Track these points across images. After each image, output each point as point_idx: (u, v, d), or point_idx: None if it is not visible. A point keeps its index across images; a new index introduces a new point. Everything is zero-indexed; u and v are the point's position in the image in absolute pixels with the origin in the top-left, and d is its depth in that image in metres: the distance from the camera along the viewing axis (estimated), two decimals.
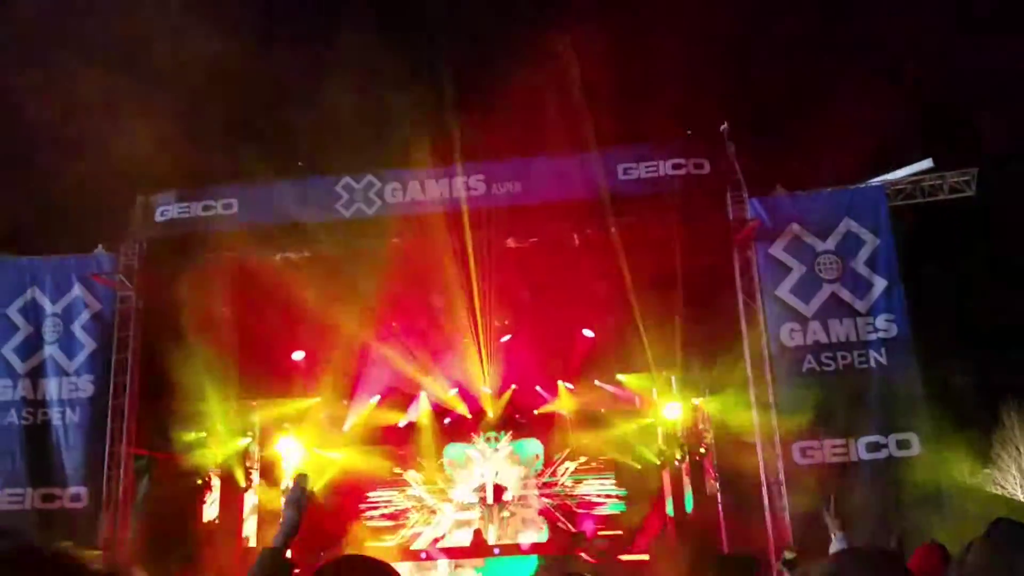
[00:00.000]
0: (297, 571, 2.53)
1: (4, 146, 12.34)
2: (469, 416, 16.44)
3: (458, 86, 12.48)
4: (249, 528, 14.82)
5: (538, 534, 15.75)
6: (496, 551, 14.96)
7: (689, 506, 14.70)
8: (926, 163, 10.69)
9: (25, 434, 10.96)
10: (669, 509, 15.42)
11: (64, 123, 11.51)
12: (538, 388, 16.23)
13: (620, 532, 15.30)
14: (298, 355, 14.37)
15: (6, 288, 11.44)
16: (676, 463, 15.08)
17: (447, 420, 16.63)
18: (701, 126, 11.33)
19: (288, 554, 2.55)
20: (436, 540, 15.80)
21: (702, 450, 13.99)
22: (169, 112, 11.55)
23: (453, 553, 15.24)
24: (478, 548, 14.87)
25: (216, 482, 14.06)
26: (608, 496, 15.99)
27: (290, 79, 12.42)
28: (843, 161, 10.98)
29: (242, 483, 14.77)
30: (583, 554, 13.09)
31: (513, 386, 15.93)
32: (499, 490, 16.17)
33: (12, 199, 11.96)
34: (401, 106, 11.40)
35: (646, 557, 14.00)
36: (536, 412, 16.40)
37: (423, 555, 15.21)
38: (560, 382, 15.98)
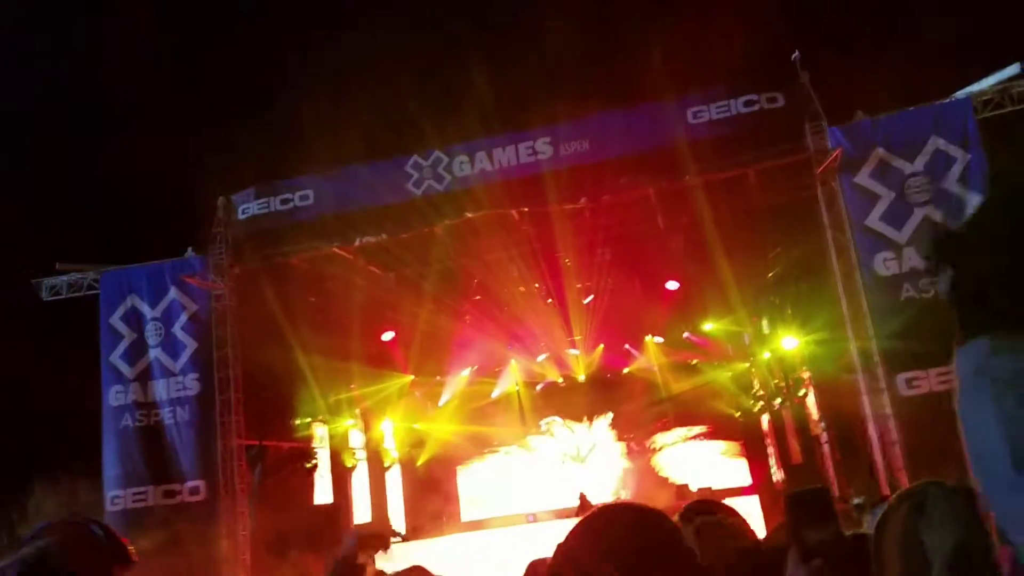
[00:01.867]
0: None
1: (83, 168, 12.88)
2: (560, 381, 16.50)
3: (514, 49, 12.38)
4: (360, 507, 15.25)
5: (634, 491, 15.71)
6: None
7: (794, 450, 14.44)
8: (1013, 69, 10.06)
9: (141, 435, 11.53)
10: (772, 454, 15.18)
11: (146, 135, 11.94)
12: (627, 346, 16.14)
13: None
14: (387, 336, 14.65)
15: (108, 298, 11.98)
16: (776, 407, 14.82)
17: (539, 387, 16.73)
18: (770, 57, 10.93)
19: None
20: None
21: (801, 391, 13.70)
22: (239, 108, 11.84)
23: (560, 515, 15.36)
24: (583, 508, 14.95)
25: (325, 465, 14.49)
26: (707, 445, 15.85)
27: (345, 57, 12.51)
28: (925, 76, 10.44)
29: (349, 464, 15.18)
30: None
31: (601, 346, 15.88)
32: (593, 455, 16.24)
33: (103, 211, 12.52)
34: (459, 75, 11.38)
35: (755, 499, 13.77)
36: (626, 370, 16.32)
37: (530, 518, 15.37)
38: (648, 337, 15.85)
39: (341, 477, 14.83)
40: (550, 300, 14.45)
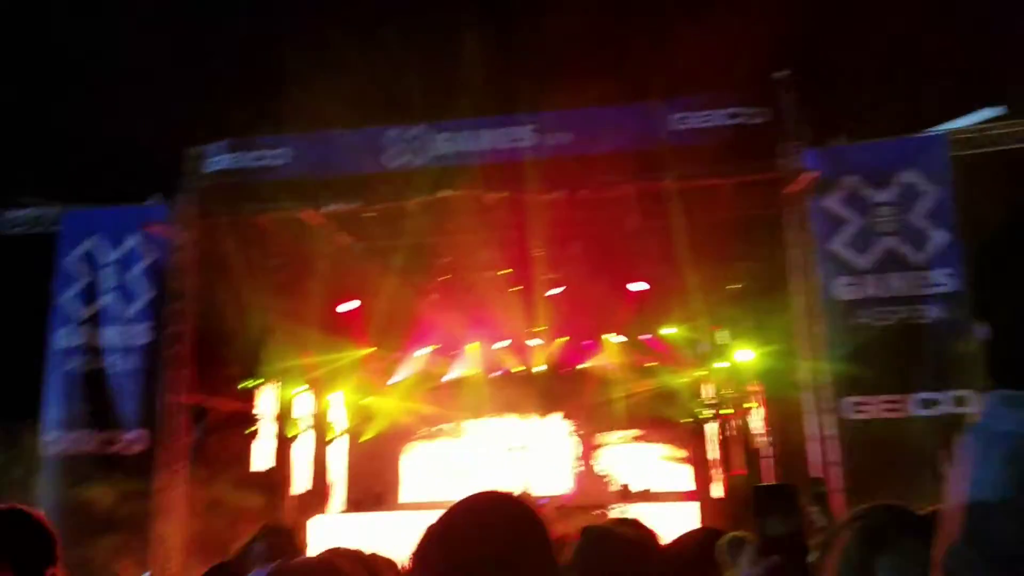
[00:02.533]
0: None
1: (59, 99, 12.56)
2: (517, 370, 16.50)
3: (510, 33, 12.28)
4: (300, 476, 15.15)
5: (576, 487, 15.81)
6: (544, 502, 15.06)
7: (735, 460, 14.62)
8: (994, 111, 10.21)
9: (85, 380, 11.32)
10: (715, 463, 15.35)
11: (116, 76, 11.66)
12: (587, 342, 16.18)
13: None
14: (347, 307, 14.52)
15: (66, 238, 11.72)
16: (724, 418, 14.98)
17: (495, 374, 16.71)
18: (761, 73, 10.97)
19: None
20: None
21: (749, 404, 13.87)
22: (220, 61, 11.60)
23: None
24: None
25: (268, 431, 14.35)
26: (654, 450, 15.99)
27: (339, 26, 12.32)
28: (906, 107, 10.55)
29: (293, 433, 15.06)
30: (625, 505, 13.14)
31: (562, 339, 15.90)
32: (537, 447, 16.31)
33: (66, 150, 12.21)
34: (451, 54, 11.26)
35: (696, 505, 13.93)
36: (583, 366, 16.36)
37: None
38: (608, 336, 15.91)
39: (283, 445, 14.70)
40: (517, 288, 14.43)
